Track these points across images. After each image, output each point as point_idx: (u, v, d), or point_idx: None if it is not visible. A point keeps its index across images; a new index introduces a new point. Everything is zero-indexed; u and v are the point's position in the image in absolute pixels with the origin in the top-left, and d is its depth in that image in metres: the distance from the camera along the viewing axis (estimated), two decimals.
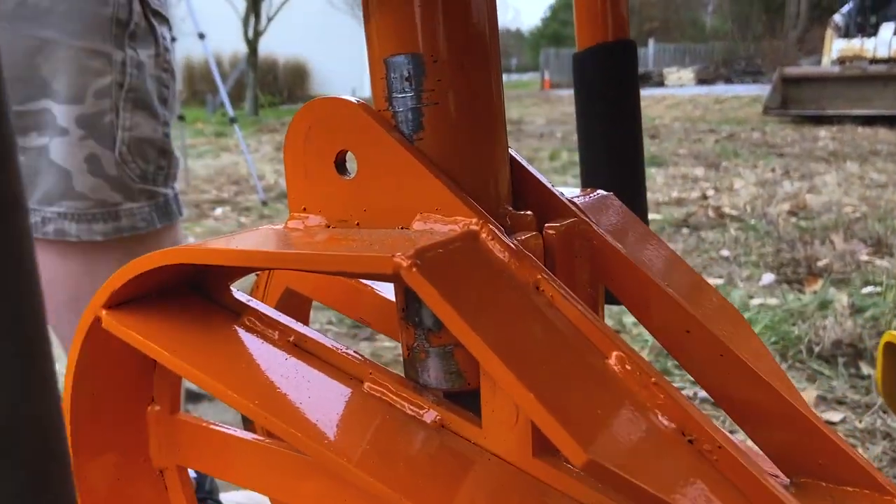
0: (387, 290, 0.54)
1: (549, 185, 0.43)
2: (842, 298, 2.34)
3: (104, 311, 0.45)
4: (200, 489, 1.36)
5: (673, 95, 12.54)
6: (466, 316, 0.32)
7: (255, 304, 0.48)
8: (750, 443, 0.43)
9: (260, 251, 0.38)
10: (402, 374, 0.44)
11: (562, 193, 0.43)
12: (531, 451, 0.38)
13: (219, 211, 4.18)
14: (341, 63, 14.93)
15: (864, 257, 2.88)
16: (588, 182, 0.55)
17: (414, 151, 0.39)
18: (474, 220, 0.37)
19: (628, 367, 0.35)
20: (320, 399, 0.41)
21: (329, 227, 0.43)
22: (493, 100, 0.41)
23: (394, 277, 0.34)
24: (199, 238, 3.58)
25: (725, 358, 0.39)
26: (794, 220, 3.58)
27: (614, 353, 0.35)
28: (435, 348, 0.40)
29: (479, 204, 0.37)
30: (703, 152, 6.01)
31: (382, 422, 0.40)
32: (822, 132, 6.76)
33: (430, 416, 0.41)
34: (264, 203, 4.34)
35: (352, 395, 0.42)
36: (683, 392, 0.65)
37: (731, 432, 0.91)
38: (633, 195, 0.52)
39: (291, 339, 0.46)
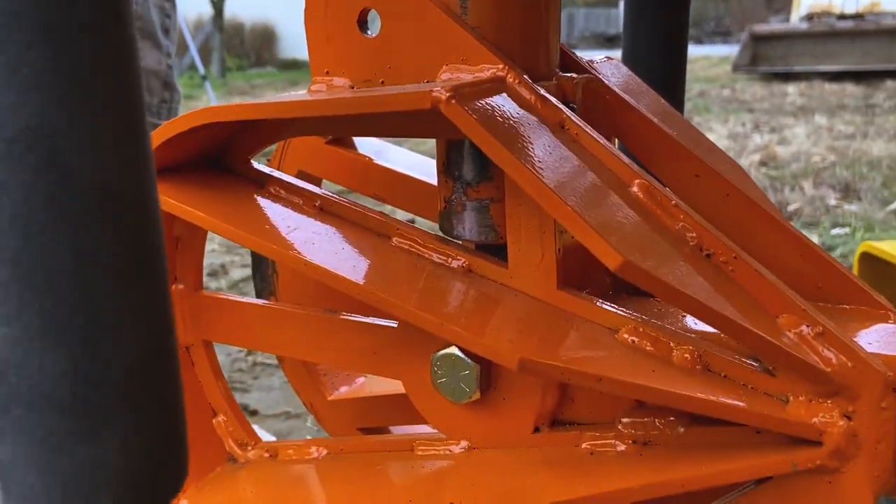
0: (399, 165, 0.55)
1: (569, 51, 0.45)
2: (812, 239, 2.41)
3: None
4: None
5: (712, 55, 12.51)
6: (506, 144, 0.34)
7: (277, 174, 0.50)
8: None
9: (299, 101, 0.39)
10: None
11: (580, 58, 0.45)
12: (556, 284, 0.40)
13: None
14: None
15: (833, 202, 2.95)
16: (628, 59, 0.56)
17: (437, 3, 0.41)
18: (500, 66, 0.39)
19: (650, 193, 0.37)
20: (353, 251, 0.43)
21: (353, 87, 0.44)
22: None
23: (433, 116, 0.36)
24: None
25: (731, 197, 0.42)
26: (764, 169, 3.65)
27: (636, 181, 0.37)
28: (472, 202, 0.42)
29: (529, 61, 0.39)
30: None
31: (413, 268, 0.43)
32: (791, 88, 6.84)
33: (456, 262, 0.43)
34: None
35: (382, 247, 0.44)
36: None
37: None
38: (672, 80, 0.54)
39: (318, 203, 0.48)
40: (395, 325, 0.47)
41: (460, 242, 0.45)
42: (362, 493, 0.46)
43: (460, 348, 0.43)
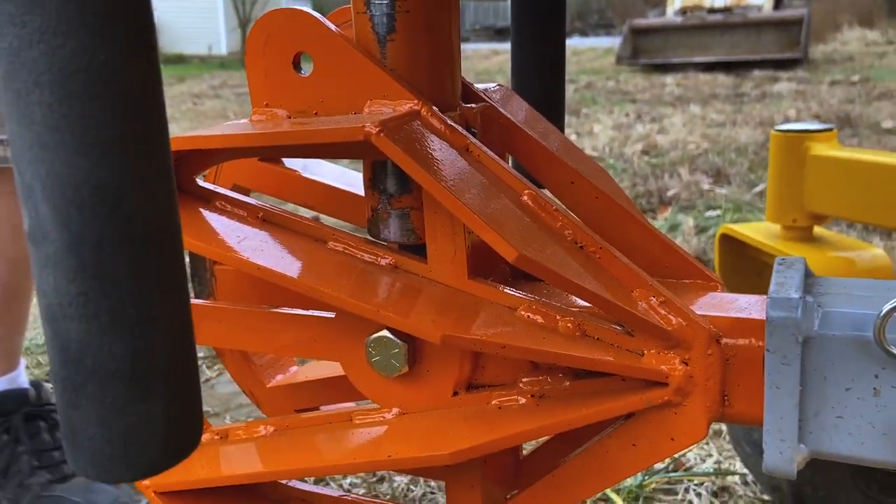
0: (324, 177, 0.64)
1: (467, 82, 0.55)
2: (688, 221, 2.64)
3: None
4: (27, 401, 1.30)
5: (505, 50, 12.91)
6: (423, 166, 0.44)
7: (221, 190, 0.57)
8: None
9: (253, 133, 0.48)
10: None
11: (477, 87, 0.56)
12: (466, 274, 0.50)
13: None
14: (194, 19, 14.20)
15: (706, 186, 3.23)
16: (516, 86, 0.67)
17: (361, 50, 0.50)
18: (415, 101, 0.49)
19: (537, 200, 0.48)
20: (296, 255, 0.52)
21: (290, 117, 0.53)
22: (453, 11, 0.52)
23: (363, 144, 0.45)
24: None
25: (599, 199, 0.53)
26: (646, 158, 3.91)
27: (526, 191, 0.48)
28: (395, 210, 0.52)
29: (437, 96, 0.49)
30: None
31: (348, 266, 0.52)
32: (669, 79, 7.29)
33: (384, 260, 0.53)
34: None
35: (319, 250, 0.53)
36: None
37: None
38: (555, 107, 0.65)
39: (260, 215, 0.56)
40: (333, 316, 0.56)
41: (386, 244, 0.54)
42: (309, 457, 0.55)
43: (390, 330, 0.52)
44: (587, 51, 12.06)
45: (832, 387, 0.42)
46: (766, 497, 1.27)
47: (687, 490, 1.31)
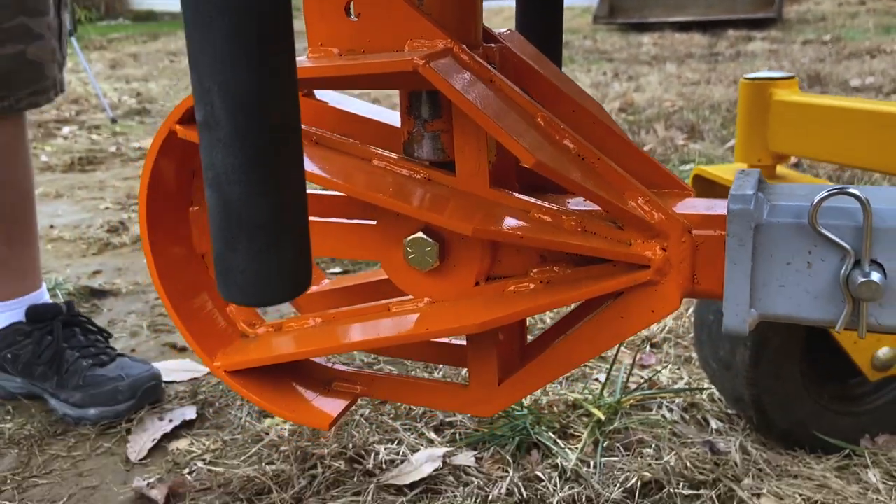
0: (355, 110, 0.74)
1: (487, 28, 0.66)
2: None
3: (178, 126, 0.64)
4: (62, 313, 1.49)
5: (511, 7, 12.86)
6: (461, 91, 0.55)
7: None
8: None
9: (332, 65, 0.58)
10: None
11: (494, 31, 0.67)
12: (488, 185, 0.62)
13: (66, 130, 4.03)
14: None
15: (681, 141, 3.36)
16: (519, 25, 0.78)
17: None
18: (448, 41, 0.60)
19: (547, 121, 0.60)
20: (350, 170, 0.63)
21: (341, 55, 0.63)
22: None
23: (409, 75, 0.56)
24: (49, 156, 3.48)
25: (595, 123, 0.65)
26: (623, 115, 4.04)
27: (539, 114, 0.60)
28: (428, 132, 0.63)
29: (465, 36, 0.60)
30: None
31: (390, 178, 0.63)
32: (646, 38, 7.39)
33: (419, 175, 0.64)
34: (113, 121, 4.21)
35: (367, 166, 0.64)
36: None
37: None
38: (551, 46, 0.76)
39: (314, 138, 0.67)
40: (374, 223, 0.67)
41: (420, 162, 0.66)
42: (354, 336, 0.67)
43: (424, 231, 0.64)
44: (564, 10, 12.00)
45: (776, 262, 0.55)
46: (730, 410, 1.42)
47: (660, 406, 1.46)
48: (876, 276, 0.51)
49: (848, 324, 0.53)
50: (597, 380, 1.55)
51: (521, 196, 0.62)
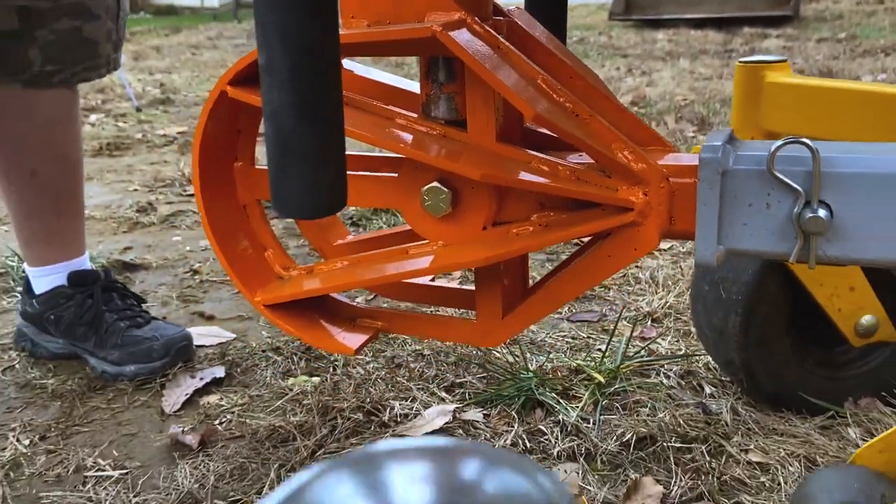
0: (375, 77, 0.84)
1: (496, 4, 0.76)
2: None
3: (229, 87, 0.74)
4: (101, 279, 1.63)
5: None
6: (477, 57, 0.65)
7: None
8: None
9: (364, 32, 0.68)
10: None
11: (501, 7, 0.77)
12: (495, 139, 0.72)
13: (93, 118, 4.17)
14: None
15: (690, 133, 3.44)
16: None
17: None
18: (462, 13, 0.70)
19: (548, 83, 0.69)
20: (378, 128, 0.73)
21: (369, 26, 0.73)
22: None
23: (431, 40, 0.66)
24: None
25: (590, 88, 0.75)
26: (635, 108, 4.11)
27: (540, 77, 0.69)
28: (444, 94, 0.73)
29: (477, 9, 0.70)
30: None
31: (412, 133, 0.73)
32: (660, 35, 7.45)
33: (436, 131, 0.74)
34: (138, 110, 4.34)
35: (391, 124, 0.74)
36: None
37: None
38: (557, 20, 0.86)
39: (346, 100, 0.77)
40: (396, 175, 0.77)
41: (436, 120, 0.75)
42: (378, 273, 0.77)
43: (439, 181, 0.74)
44: (580, 7, 12.08)
45: (740, 204, 0.64)
46: (723, 377, 1.51)
47: (658, 373, 1.55)
48: (823, 214, 0.61)
49: (800, 256, 0.63)
50: (599, 349, 1.64)
51: (523, 150, 0.71)
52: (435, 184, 0.74)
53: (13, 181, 1.56)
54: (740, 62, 1.34)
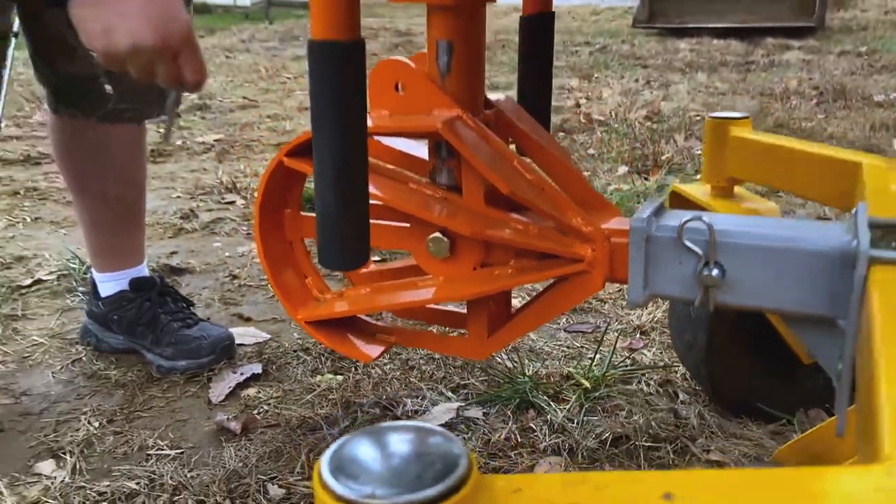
0: (394, 144, 1.09)
1: (486, 96, 1.00)
2: (675, 181, 3.08)
3: (285, 158, 0.99)
4: (157, 285, 1.92)
5: (556, 6, 13.04)
6: (465, 145, 0.90)
7: None
8: None
9: (387, 121, 0.92)
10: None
11: (491, 98, 1.01)
12: (483, 203, 0.96)
13: None
14: None
15: (698, 151, 3.64)
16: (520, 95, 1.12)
17: (431, 80, 0.95)
18: (460, 110, 0.94)
19: (522, 164, 0.93)
20: (393, 190, 0.98)
21: (391, 115, 0.98)
22: (482, 48, 0.96)
23: (435, 133, 0.90)
24: None
25: (558, 165, 0.99)
26: (648, 123, 4.32)
27: (515, 159, 0.94)
28: (446, 167, 0.97)
29: (471, 107, 0.94)
30: (578, 64, 6.70)
31: (420, 196, 0.98)
32: (683, 44, 7.61)
33: (439, 194, 0.99)
34: (178, 116, 4.62)
35: (405, 187, 0.99)
36: None
37: None
38: (542, 107, 1.10)
39: (372, 168, 1.01)
40: (408, 225, 1.02)
41: (439, 185, 1.00)
42: (395, 300, 1.02)
43: (441, 232, 0.98)
44: (606, 10, 12.21)
45: (659, 261, 0.88)
46: (696, 387, 1.74)
47: (639, 381, 1.79)
48: (716, 273, 0.84)
49: (702, 302, 0.86)
50: (590, 358, 1.88)
51: (505, 212, 0.96)
52: (437, 234, 0.98)
53: (87, 200, 1.83)
54: (710, 117, 1.57)
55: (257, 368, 1.85)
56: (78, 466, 1.52)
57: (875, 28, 8.45)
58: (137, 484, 1.47)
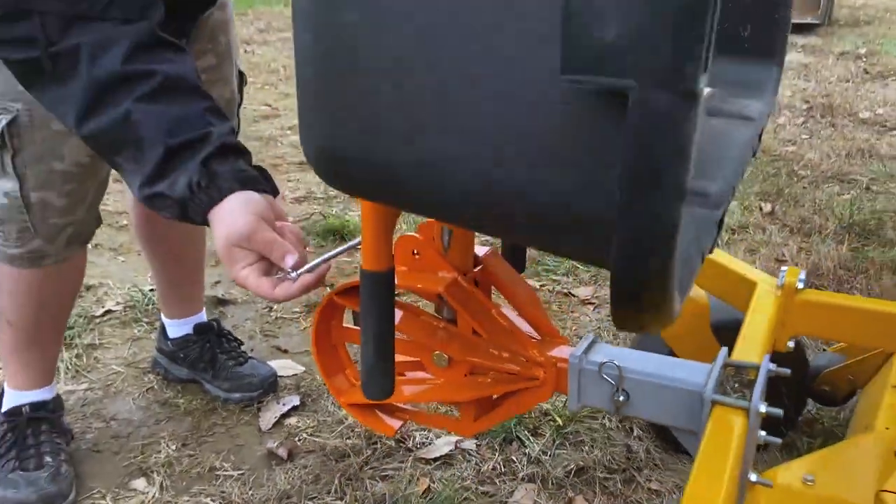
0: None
1: (476, 255, 1.45)
2: None
3: (335, 296, 1.44)
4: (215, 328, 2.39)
5: None
6: (458, 301, 1.34)
7: None
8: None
9: (398, 277, 1.37)
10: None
11: (478, 254, 1.45)
12: (471, 334, 1.41)
13: None
14: None
15: None
16: None
17: (436, 250, 1.39)
18: (456, 274, 1.38)
19: (498, 313, 1.38)
20: (408, 320, 1.43)
21: (408, 272, 1.42)
22: (472, 234, 1.41)
23: (438, 294, 1.34)
24: None
25: (526, 300, 1.43)
26: None
27: (494, 310, 1.38)
28: (447, 307, 1.42)
29: (463, 269, 1.39)
30: None
31: (427, 325, 1.43)
32: None
33: (443, 324, 1.44)
34: None
35: (418, 319, 1.44)
36: None
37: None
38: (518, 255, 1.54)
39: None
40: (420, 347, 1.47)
41: (444, 318, 1.45)
42: (405, 396, 1.48)
43: (441, 350, 1.44)
44: None
45: (588, 384, 1.33)
46: (650, 424, 2.20)
47: (603, 418, 2.25)
48: (622, 398, 1.29)
49: (617, 414, 1.32)
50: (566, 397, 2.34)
51: (486, 341, 1.41)
52: (438, 352, 1.44)
53: (158, 257, 2.29)
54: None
55: (295, 400, 2.32)
56: (164, 484, 2.01)
57: (878, 24, 8.68)
58: (213, 500, 1.96)
